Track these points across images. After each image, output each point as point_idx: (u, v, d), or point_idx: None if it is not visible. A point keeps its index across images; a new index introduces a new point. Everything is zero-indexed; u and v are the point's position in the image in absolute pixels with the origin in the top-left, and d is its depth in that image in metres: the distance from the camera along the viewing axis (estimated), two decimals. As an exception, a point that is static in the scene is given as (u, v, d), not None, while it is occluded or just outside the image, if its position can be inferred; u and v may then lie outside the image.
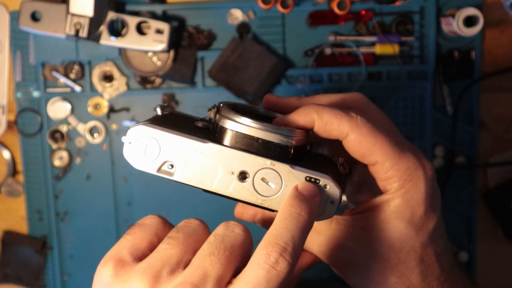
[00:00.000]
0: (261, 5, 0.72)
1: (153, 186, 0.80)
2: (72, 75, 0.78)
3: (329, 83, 0.78)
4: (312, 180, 0.39)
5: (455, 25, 0.72)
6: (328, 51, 0.77)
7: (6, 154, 0.81)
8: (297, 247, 0.36)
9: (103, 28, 0.73)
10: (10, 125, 0.81)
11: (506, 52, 0.78)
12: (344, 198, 0.50)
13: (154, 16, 0.76)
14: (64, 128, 0.80)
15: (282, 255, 0.35)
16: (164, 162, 0.40)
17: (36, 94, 0.79)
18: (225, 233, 0.37)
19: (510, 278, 0.82)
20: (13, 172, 0.82)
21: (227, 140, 0.40)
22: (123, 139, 0.40)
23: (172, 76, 0.77)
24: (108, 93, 0.78)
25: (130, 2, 0.76)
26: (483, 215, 0.81)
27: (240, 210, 0.50)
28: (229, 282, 0.36)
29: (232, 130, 0.40)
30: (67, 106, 0.79)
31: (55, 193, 0.81)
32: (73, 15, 0.72)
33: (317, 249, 0.45)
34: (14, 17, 0.77)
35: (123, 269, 0.37)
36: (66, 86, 0.79)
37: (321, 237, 0.44)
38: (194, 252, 0.37)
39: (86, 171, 0.80)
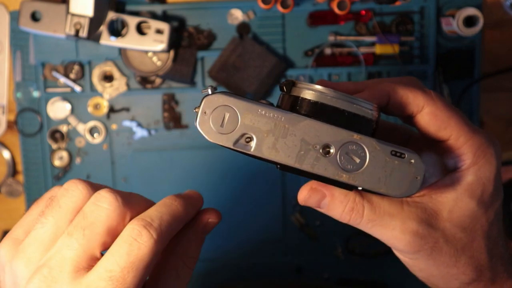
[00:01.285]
0: (261, 5, 0.72)
1: (153, 186, 0.80)
2: (72, 75, 0.78)
3: (329, 83, 0.78)
4: (397, 154, 0.38)
5: (455, 25, 0.72)
6: (328, 51, 0.77)
7: (6, 154, 0.81)
8: (164, 226, 0.37)
9: (103, 28, 0.73)
10: (10, 125, 0.81)
11: (506, 52, 0.79)
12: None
13: (154, 16, 0.76)
14: (64, 128, 0.80)
15: (146, 227, 0.36)
16: (243, 135, 0.37)
17: (36, 94, 0.79)
18: (90, 208, 0.37)
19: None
20: (13, 172, 0.82)
21: (311, 112, 0.38)
22: (196, 109, 0.37)
23: (172, 76, 0.77)
24: (108, 93, 0.78)
25: (130, 2, 0.76)
26: (483, 215, 0.80)
27: (305, 194, 0.45)
28: (98, 258, 0.36)
29: (317, 102, 0.37)
30: (67, 106, 0.79)
31: (55, 193, 0.81)
32: (73, 15, 0.72)
33: (391, 233, 0.42)
34: (14, 17, 0.77)
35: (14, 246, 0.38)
36: (66, 86, 0.79)
37: (394, 221, 0.42)
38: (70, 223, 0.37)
39: (86, 171, 0.80)
